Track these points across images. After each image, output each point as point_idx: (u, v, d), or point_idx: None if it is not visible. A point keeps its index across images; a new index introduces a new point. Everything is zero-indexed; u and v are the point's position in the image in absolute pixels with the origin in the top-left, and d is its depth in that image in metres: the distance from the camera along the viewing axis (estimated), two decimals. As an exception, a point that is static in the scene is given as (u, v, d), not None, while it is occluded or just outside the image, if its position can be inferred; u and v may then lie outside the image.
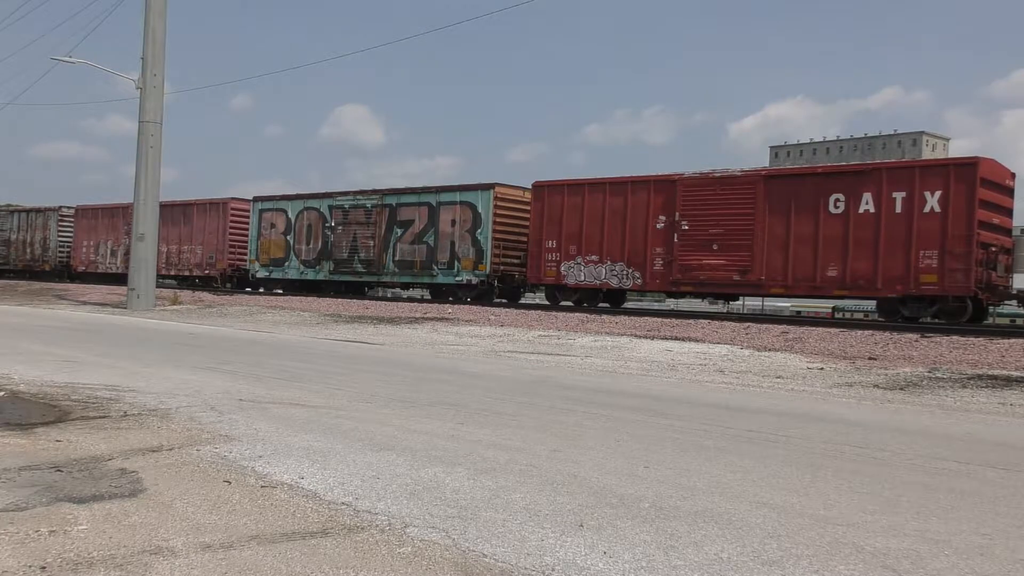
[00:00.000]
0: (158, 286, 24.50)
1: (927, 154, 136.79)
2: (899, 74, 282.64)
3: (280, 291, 28.77)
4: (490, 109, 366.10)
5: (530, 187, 22.22)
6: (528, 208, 22.25)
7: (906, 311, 16.46)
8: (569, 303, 21.23)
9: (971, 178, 15.59)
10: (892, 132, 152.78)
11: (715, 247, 18.45)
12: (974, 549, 3.35)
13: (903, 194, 16.21)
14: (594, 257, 20.38)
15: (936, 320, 16.10)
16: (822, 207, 17.06)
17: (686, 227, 18.85)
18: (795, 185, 17.66)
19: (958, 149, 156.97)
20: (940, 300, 15.99)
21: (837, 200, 16.92)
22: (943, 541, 3.45)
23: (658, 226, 19.26)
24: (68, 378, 7.73)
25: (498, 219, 22.67)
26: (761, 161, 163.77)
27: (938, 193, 15.81)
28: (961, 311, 15.89)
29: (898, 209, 16.24)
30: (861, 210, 16.63)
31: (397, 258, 24.80)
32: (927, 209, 15.93)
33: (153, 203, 22.84)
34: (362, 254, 25.81)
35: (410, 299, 27.18)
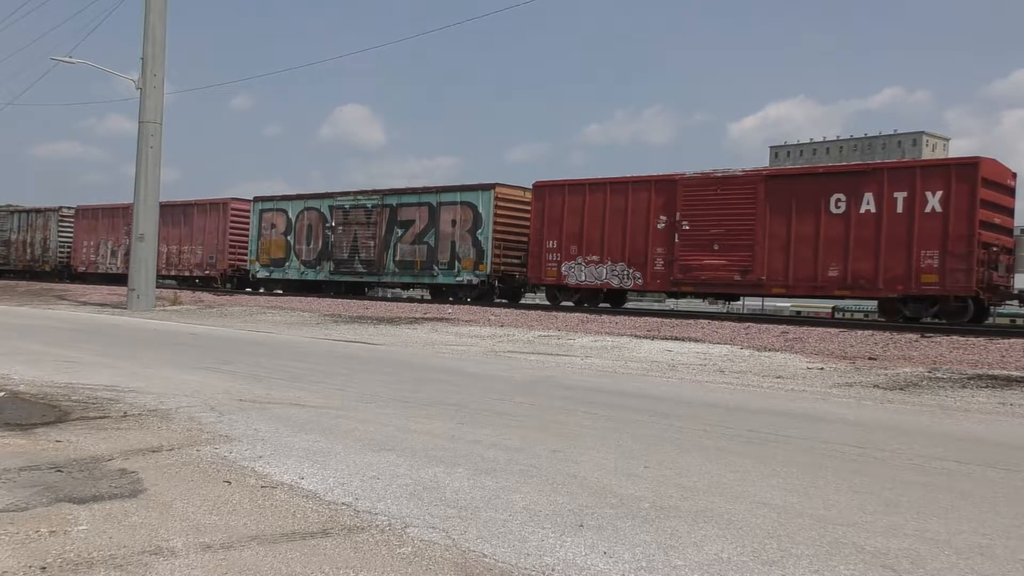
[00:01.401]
0: (159, 286, 24.50)
1: (927, 154, 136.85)
2: (900, 74, 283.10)
3: (280, 291, 28.75)
4: (490, 109, 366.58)
5: (531, 187, 22.22)
6: (529, 208, 22.23)
7: (907, 311, 16.41)
8: (570, 303, 21.23)
9: (972, 178, 15.55)
10: (892, 132, 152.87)
11: (716, 247, 18.42)
12: (974, 549, 3.35)
13: (904, 194, 16.18)
14: (595, 257, 20.37)
15: (938, 320, 16.07)
16: (823, 207, 17.02)
17: (687, 227, 18.83)
18: (796, 185, 17.63)
19: (958, 149, 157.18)
20: (941, 300, 15.95)
21: (838, 200, 16.90)
22: (943, 541, 3.45)
23: (659, 226, 19.25)
24: (68, 378, 7.73)
25: (499, 219, 22.65)
26: (761, 161, 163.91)
27: (939, 193, 15.77)
28: (962, 311, 15.86)
29: (899, 209, 16.21)
30: (862, 210, 16.60)
31: (398, 258, 24.79)
32: (928, 209, 15.89)
33: (153, 203, 22.84)
34: (363, 254, 25.81)
35: (410, 299, 27.17)
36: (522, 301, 24.27)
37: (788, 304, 43.69)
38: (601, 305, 20.80)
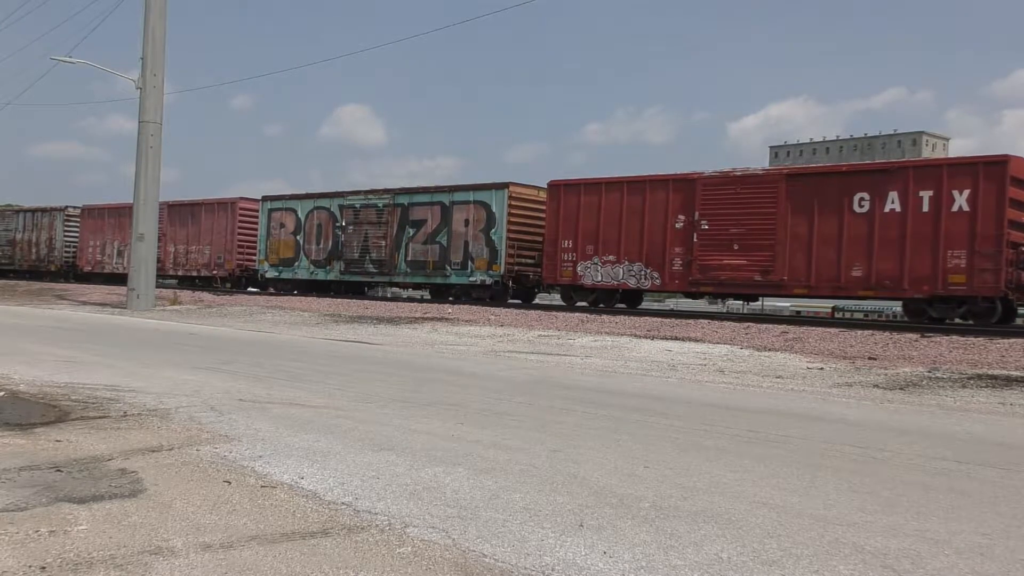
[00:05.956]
0: (165, 286, 24.46)
1: (927, 154, 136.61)
2: (901, 74, 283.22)
3: (281, 292, 28.67)
4: (490, 109, 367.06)
5: (545, 186, 21.93)
6: (543, 208, 21.90)
7: (933, 312, 16.10)
8: (585, 303, 21.00)
9: (1001, 176, 15.24)
10: (892, 132, 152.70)
11: (736, 247, 18.12)
12: (974, 549, 3.35)
13: (930, 193, 15.86)
14: (611, 257, 20.14)
15: (967, 322, 15.72)
16: (846, 206, 16.73)
17: (706, 227, 18.54)
18: (818, 184, 17.32)
19: (958, 149, 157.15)
20: (969, 301, 15.66)
21: (862, 199, 16.59)
22: (943, 541, 3.45)
23: (677, 226, 19.00)
24: (68, 378, 7.74)
25: (512, 219, 22.33)
26: (761, 161, 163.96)
27: (966, 192, 15.45)
28: (990, 312, 15.56)
29: (925, 208, 15.90)
30: (887, 209, 16.29)
31: (409, 258, 24.51)
32: (955, 208, 15.57)
33: (153, 203, 22.84)
34: (373, 254, 25.56)
35: (410, 299, 27.07)
36: (536, 301, 23.97)
37: (788, 304, 43.68)
38: (618, 306, 20.58)
